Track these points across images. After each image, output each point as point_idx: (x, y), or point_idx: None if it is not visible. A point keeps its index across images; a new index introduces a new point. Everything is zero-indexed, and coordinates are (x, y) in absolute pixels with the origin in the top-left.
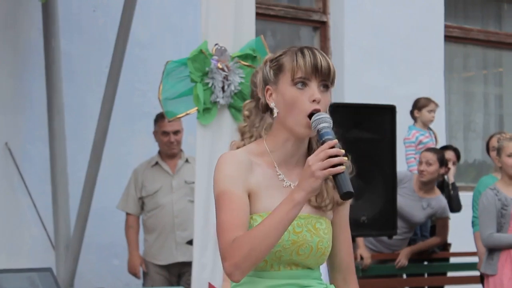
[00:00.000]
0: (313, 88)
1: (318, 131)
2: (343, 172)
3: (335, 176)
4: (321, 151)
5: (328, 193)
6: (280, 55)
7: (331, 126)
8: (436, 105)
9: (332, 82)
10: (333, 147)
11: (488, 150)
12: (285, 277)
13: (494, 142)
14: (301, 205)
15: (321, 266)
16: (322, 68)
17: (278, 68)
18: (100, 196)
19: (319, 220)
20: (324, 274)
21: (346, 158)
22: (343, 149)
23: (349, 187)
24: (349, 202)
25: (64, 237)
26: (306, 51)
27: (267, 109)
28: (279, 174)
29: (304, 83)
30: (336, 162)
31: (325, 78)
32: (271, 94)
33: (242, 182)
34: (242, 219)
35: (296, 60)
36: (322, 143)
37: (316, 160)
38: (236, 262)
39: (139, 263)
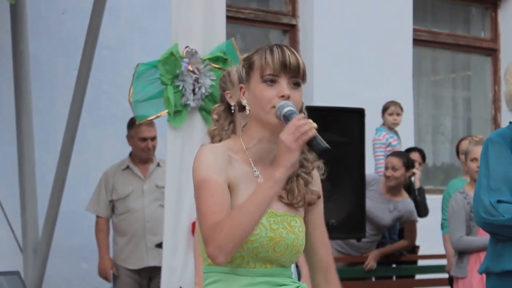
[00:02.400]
0: (282, 84)
1: (284, 116)
2: (315, 136)
3: (309, 142)
4: (290, 126)
5: (299, 190)
6: (252, 54)
7: (295, 108)
8: (398, 107)
9: (303, 79)
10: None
11: (458, 153)
12: (260, 274)
13: (463, 146)
14: (281, 183)
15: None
16: (290, 64)
17: (249, 66)
18: (69, 199)
19: (294, 218)
20: (294, 273)
21: (313, 123)
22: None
23: (324, 144)
24: (321, 202)
25: (32, 240)
26: (275, 49)
27: (243, 108)
28: (255, 171)
29: (273, 80)
30: (306, 129)
31: (295, 74)
32: (244, 93)
33: (223, 172)
34: (223, 205)
35: (265, 58)
36: None
37: (287, 134)
38: (219, 243)
39: (109, 267)
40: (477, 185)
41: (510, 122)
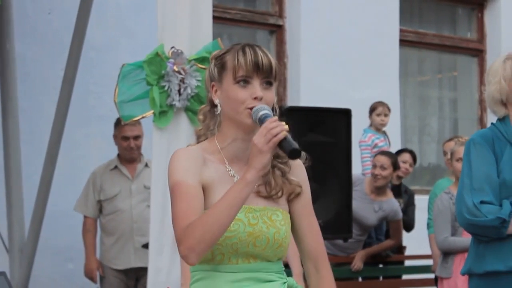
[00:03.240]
0: (255, 85)
1: (259, 119)
2: (286, 138)
3: (280, 144)
4: (262, 129)
5: (276, 182)
6: (224, 53)
7: (271, 111)
8: (386, 108)
9: (275, 78)
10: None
11: (445, 154)
12: (244, 270)
13: (447, 147)
14: (253, 184)
15: None
16: (263, 65)
17: (221, 66)
18: (55, 199)
19: (275, 212)
20: None
21: (285, 125)
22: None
23: (294, 145)
24: (306, 191)
25: (18, 240)
26: (247, 49)
27: (214, 105)
28: (229, 170)
29: (246, 81)
30: (277, 131)
31: (267, 75)
32: (216, 91)
33: (196, 175)
34: (196, 208)
35: (238, 59)
36: None
37: (259, 137)
38: (190, 245)
39: (96, 267)
40: (460, 186)
41: (492, 123)
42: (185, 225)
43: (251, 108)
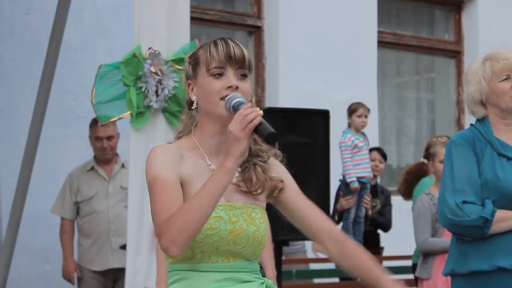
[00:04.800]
0: (229, 76)
1: (233, 107)
2: (261, 123)
3: (256, 129)
4: (237, 116)
5: (257, 178)
6: (197, 50)
7: (244, 99)
8: (366, 109)
9: (250, 70)
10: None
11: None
12: (223, 269)
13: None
14: (232, 172)
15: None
16: (235, 55)
17: (195, 62)
18: (33, 200)
19: (255, 209)
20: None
21: (259, 110)
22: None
23: (271, 130)
24: (290, 182)
25: None
26: (219, 42)
27: (193, 103)
28: (210, 165)
29: (220, 72)
30: (252, 117)
31: (241, 65)
32: (192, 89)
33: (174, 169)
34: (176, 201)
35: (210, 51)
36: None
37: (235, 124)
38: (171, 236)
39: (73, 269)
40: (442, 186)
41: (471, 124)
42: (165, 218)
43: (224, 98)
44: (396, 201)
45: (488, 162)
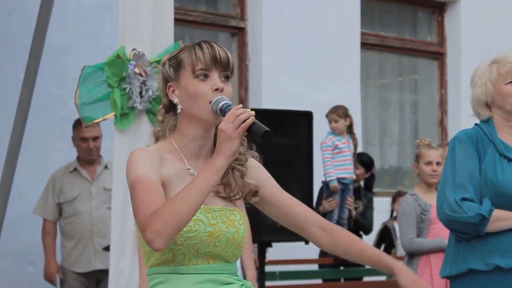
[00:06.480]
0: (215, 78)
1: (221, 110)
2: (255, 122)
3: (249, 129)
4: (230, 115)
5: (236, 183)
6: (178, 53)
7: (231, 102)
8: (336, 114)
9: (232, 72)
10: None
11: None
12: (204, 271)
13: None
14: (222, 171)
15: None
16: (221, 58)
17: (177, 64)
18: (15, 202)
19: (233, 212)
20: (239, 271)
21: (252, 111)
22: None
23: (265, 128)
24: (268, 180)
25: None
26: (203, 44)
27: (171, 107)
28: (189, 168)
29: (205, 74)
30: (245, 117)
31: (225, 68)
32: (173, 91)
33: (156, 171)
34: (159, 198)
35: (195, 53)
36: None
37: (227, 124)
38: (157, 228)
39: (55, 270)
40: (442, 182)
41: (476, 124)
42: (148, 213)
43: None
44: (381, 202)
45: (489, 162)
